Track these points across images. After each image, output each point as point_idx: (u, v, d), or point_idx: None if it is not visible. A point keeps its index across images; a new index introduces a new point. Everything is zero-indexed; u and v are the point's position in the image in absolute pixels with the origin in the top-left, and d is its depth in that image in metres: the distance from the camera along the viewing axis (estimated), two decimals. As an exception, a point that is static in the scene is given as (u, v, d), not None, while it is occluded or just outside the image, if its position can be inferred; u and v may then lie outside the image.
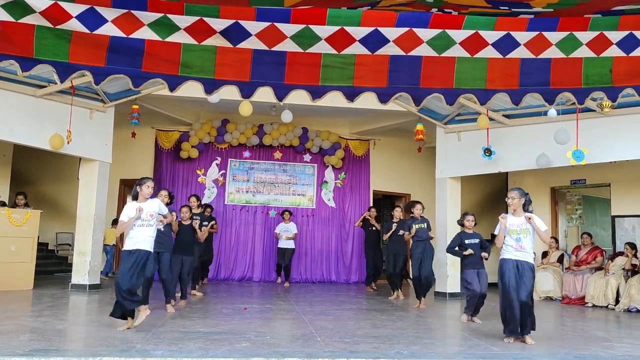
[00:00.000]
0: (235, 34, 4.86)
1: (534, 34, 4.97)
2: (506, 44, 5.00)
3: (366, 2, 4.70)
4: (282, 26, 4.81)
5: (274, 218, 11.66)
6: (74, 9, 4.63)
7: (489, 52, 5.05)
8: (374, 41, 4.92)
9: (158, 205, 5.46)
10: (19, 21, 4.60)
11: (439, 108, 9.37)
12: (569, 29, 4.96)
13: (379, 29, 4.87)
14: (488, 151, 8.59)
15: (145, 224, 5.28)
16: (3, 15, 4.56)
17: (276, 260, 11.10)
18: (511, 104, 5.28)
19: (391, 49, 4.99)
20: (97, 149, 8.97)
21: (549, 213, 10.72)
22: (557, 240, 10.42)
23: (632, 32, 4.95)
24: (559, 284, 9.51)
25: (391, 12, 4.83)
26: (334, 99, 5.30)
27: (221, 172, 11.80)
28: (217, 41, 4.90)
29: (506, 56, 5.05)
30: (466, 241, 6.73)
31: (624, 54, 5.05)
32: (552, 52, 5.06)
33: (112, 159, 9.25)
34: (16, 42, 4.67)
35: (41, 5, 4.58)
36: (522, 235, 5.24)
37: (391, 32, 4.89)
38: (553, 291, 9.55)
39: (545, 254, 9.99)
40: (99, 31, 4.72)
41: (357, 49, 4.95)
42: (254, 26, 4.84)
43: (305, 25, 4.84)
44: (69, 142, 8.01)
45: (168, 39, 4.84)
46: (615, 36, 4.98)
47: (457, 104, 5.87)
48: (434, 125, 9.74)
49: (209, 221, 8.31)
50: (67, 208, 11.81)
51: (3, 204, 9.49)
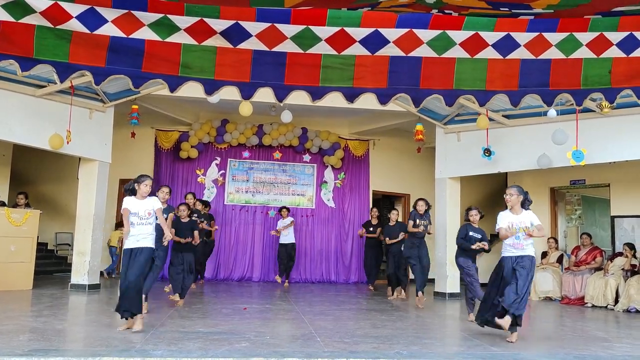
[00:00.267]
0: (236, 34, 4.87)
1: (534, 34, 4.98)
2: (506, 45, 5.00)
3: (366, 3, 4.70)
4: (282, 27, 4.82)
5: (274, 218, 11.65)
6: (74, 9, 4.64)
7: (489, 53, 5.05)
8: (374, 42, 4.92)
9: (154, 203, 5.46)
10: (19, 21, 4.61)
11: (438, 108, 9.37)
12: (569, 30, 4.97)
13: (379, 29, 4.87)
14: (488, 151, 8.59)
15: (145, 222, 5.33)
16: (3, 15, 4.56)
17: (277, 260, 11.09)
18: (510, 104, 5.29)
19: (391, 50, 4.99)
20: (97, 149, 8.96)
21: (548, 213, 10.73)
22: (556, 241, 10.42)
23: (632, 32, 4.96)
24: (558, 284, 9.52)
25: (391, 13, 4.83)
26: (334, 99, 5.31)
27: (221, 172, 11.80)
28: (217, 42, 4.90)
29: (506, 57, 5.06)
30: (470, 233, 6.78)
31: (624, 55, 5.06)
32: (552, 53, 5.07)
33: (112, 159, 9.24)
34: (16, 42, 4.67)
35: (41, 5, 4.58)
36: (520, 234, 5.25)
37: (391, 33, 4.90)
38: (552, 291, 9.56)
39: (544, 254, 9.99)
40: (99, 31, 4.73)
41: (357, 49, 4.96)
42: (254, 27, 4.84)
43: (305, 26, 4.85)
44: (68, 142, 8.00)
45: (168, 40, 4.85)
46: (615, 37, 4.99)
47: (457, 104, 5.87)
48: (433, 125, 9.74)
49: (208, 220, 8.30)
50: (66, 208, 11.81)
51: (3, 203, 9.47)
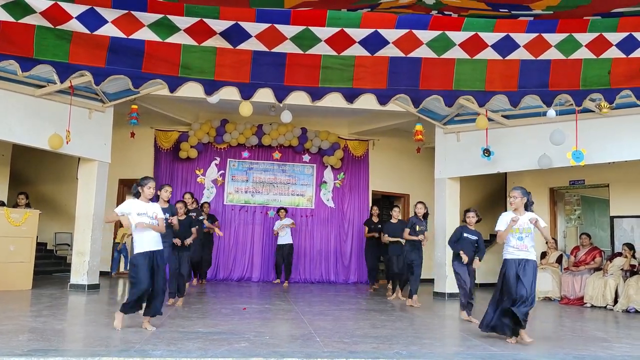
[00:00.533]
0: (235, 35, 4.87)
1: (534, 35, 4.98)
2: (506, 46, 5.00)
3: (366, 4, 4.70)
4: (282, 27, 4.82)
5: (273, 218, 11.66)
6: (74, 9, 4.64)
7: (489, 54, 5.05)
8: (374, 43, 4.92)
9: (156, 210, 5.51)
10: (19, 21, 4.61)
11: (438, 108, 9.37)
12: (568, 31, 4.97)
13: (379, 30, 4.87)
14: (487, 151, 8.59)
15: (154, 223, 5.38)
16: (3, 16, 4.56)
17: (275, 259, 11.12)
18: (510, 105, 5.30)
19: (391, 51, 4.99)
20: (96, 149, 8.96)
21: (547, 213, 10.74)
22: (556, 241, 10.44)
23: (632, 33, 4.97)
24: (558, 284, 9.53)
25: (391, 14, 4.83)
26: (334, 99, 5.31)
27: (220, 172, 11.80)
28: (217, 42, 4.90)
29: (506, 57, 5.06)
30: (465, 234, 6.81)
31: (624, 55, 5.06)
32: (552, 54, 5.06)
33: (111, 158, 9.24)
34: (16, 42, 4.67)
35: (41, 5, 4.58)
36: (524, 235, 5.26)
37: (391, 34, 4.90)
38: (552, 291, 9.56)
39: (544, 255, 10.00)
40: (99, 32, 4.73)
41: (356, 50, 4.96)
42: (254, 27, 4.84)
43: (305, 27, 4.85)
44: (68, 142, 8.00)
45: (168, 40, 4.84)
46: (614, 37, 4.99)
47: (457, 104, 5.88)
48: (433, 125, 9.75)
49: (211, 219, 8.29)
50: (66, 208, 11.81)
51: (2, 203, 9.47)
